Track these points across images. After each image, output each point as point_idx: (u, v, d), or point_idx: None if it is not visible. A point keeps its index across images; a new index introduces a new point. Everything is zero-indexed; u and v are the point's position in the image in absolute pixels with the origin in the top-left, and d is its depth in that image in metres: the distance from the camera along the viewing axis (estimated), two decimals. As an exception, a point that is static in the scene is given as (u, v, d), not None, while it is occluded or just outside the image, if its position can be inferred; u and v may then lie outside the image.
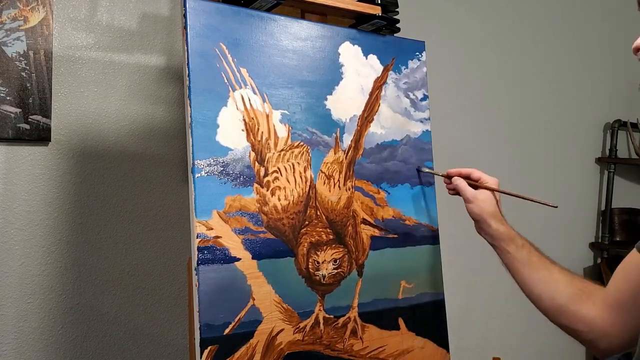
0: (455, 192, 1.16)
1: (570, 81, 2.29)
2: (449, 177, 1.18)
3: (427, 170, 1.25)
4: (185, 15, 1.01)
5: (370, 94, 1.23)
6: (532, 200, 1.11)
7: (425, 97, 1.32)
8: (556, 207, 1.06)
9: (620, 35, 2.44)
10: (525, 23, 2.15)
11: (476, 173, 1.14)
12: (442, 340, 1.25)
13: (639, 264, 0.83)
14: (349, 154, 1.18)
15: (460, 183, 1.12)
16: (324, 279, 1.11)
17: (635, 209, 2.50)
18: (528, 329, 2.19)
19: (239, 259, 1.01)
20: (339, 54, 1.20)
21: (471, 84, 2.00)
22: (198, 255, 0.97)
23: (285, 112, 1.11)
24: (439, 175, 1.21)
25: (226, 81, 1.04)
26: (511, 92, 2.12)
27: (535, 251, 1.03)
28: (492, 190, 1.11)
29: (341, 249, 1.14)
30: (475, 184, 1.13)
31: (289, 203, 1.09)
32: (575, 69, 2.31)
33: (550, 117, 2.24)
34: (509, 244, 1.03)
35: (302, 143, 1.12)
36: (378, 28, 1.25)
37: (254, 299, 1.02)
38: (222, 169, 1.01)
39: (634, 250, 0.85)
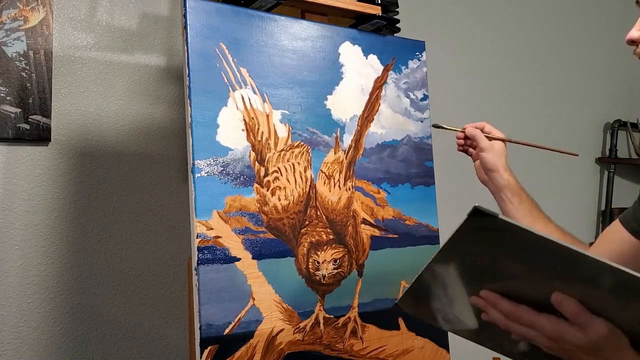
0: (465, 148, 1.16)
1: (570, 81, 2.29)
2: (463, 130, 1.17)
3: (442, 126, 1.22)
4: (185, 15, 1.01)
5: (371, 94, 1.23)
6: (550, 149, 1.16)
7: (425, 97, 1.32)
8: (577, 155, 1.12)
9: (620, 35, 2.44)
10: (525, 23, 2.15)
11: (488, 127, 1.15)
12: (442, 340, 1.25)
13: (620, 234, 0.90)
14: (349, 153, 1.18)
15: (477, 133, 1.12)
16: (324, 279, 1.11)
17: (635, 209, 2.50)
18: (528, 329, 2.18)
19: (239, 259, 1.01)
20: (339, 54, 1.20)
21: (471, 84, 2.00)
22: (198, 255, 0.97)
23: (286, 112, 1.11)
24: (455, 130, 1.19)
25: (226, 81, 1.04)
26: (511, 92, 2.12)
27: (536, 207, 1.08)
28: (506, 141, 1.13)
29: (341, 249, 1.14)
30: (488, 136, 1.13)
31: (289, 203, 1.09)
32: (575, 69, 2.31)
33: (550, 117, 2.24)
34: (514, 195, 1.07)
35: (302, 143, 1.12)
36: (378, 28, 1.25)
37: (254, 299, 1.02)
38: (222, 169, 1.02)
39: (617, 221, 0.92)
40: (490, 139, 1.12)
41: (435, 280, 0.70)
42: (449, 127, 1.21)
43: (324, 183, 1.14)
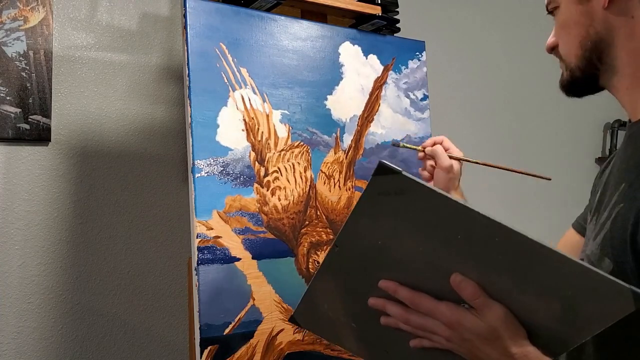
0: (427, 159, 1.07)
1: (570, 81, 2.29)
2: (422, 150, 1.08)
3: (402, 144, 1.11)
4: (185, 15, 1.01)
5: (371, 94, 1.23)
6: (520, 172, 1.07)
7: (425, 97, 1.32)
8: (549, 179, 1.03)
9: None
10: (525, 23, 2.15)
11: (447, 142, 1.07)
12: (442, 340, 1.25)
13: (572, 239, 0.90)
14: (349, 153, 1.18)
15: (438, 151, 1.03)
16: (324, 279, 1.11)
17: (635, 209, 2.50)
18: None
19: (239, 259, 1.01)
20: (339, 54, 1.20)
21: (471, 84, 2.00)
22: (198, 255, 0.97)
23: (285, 112, 1.11)
24: (414, 149, 1.08)
25: (226, 81, 1.04)
26: (511, 92, 2.12)
27: None
28: (464, 160, 1.06)
29: (341, 249, 1.14)
30: (449, 155, 1.06)
31: (289, 203, 1.09)
32: (575, 69, 2.30)
33: (550, 117, 2.23)
34: None
35: (302, 143, 1.12)
36: (378, 28, 1.25)
37: (254, 299, 1.02)
38: (222, 169, 1.01)
39: (570, 228, 0.92)
40: (451, 158, 1.05)
41: (332, 278, 0.67)
42: (408, 146, 1.12)
43: (324, 183, 1.14)
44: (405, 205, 0.57)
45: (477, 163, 1.07)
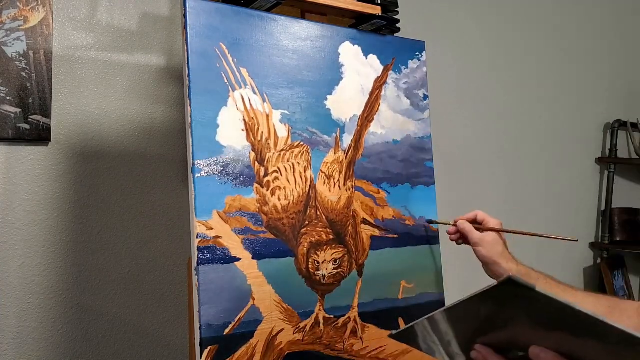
0: (462, 240, 1.14)
1: (570, 81, 2.29)
2: (454, 224, 1.15)
3: (435, 221, 1.24)
4: (185, 15, 1.01)
5: (371, 94, 1.23)
6: (548, 237, 1.10)
7: (425, 97, 1.32)
8: (576, 240, 1.07)
9: (620, 35, 2.44)
10: (525, 23, 2.15)
11: (480, 215, 1.12)
12: (442, 340, 1.25)
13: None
14: (349, 153, 1.18)
15: (466, 226, 1.10)
16: (324, 279, 1.11)
17: (635, 209, 2.50)
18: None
19: (239, 259, 1.01)
20: (339, 54, 1.20)
21: (471, 84, 2.00)
22: (198, 255, 0.97)
23: (285, 112, 1.11)
24: (446, 224, 1.17)
25: (226, 81, 1.04)
26: (511, 92, 2.12)
27: (552, 281, 1.02)
28: (498, 231, 1.08)
29: (341, 249, 1.14)
30: (480, 227, 1.11)
31: (289, 203, 1.09)
32: (575, 69, 2.31)
33: (550, 117, 2.24)
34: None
35: (302, 143, 1.12)
36: (378, 28, 1.25)
37: (254, 299, 1.02)
38: (222, 169, 1.02)
39: None
40: (481, 230, 1.09)
41: (432, 330, 0.73)
42: (441, 222, 1.21)
43: (324, 183, 1.14)
44: (529, 306, 0.60)
45: (512, 232, 1.10)
